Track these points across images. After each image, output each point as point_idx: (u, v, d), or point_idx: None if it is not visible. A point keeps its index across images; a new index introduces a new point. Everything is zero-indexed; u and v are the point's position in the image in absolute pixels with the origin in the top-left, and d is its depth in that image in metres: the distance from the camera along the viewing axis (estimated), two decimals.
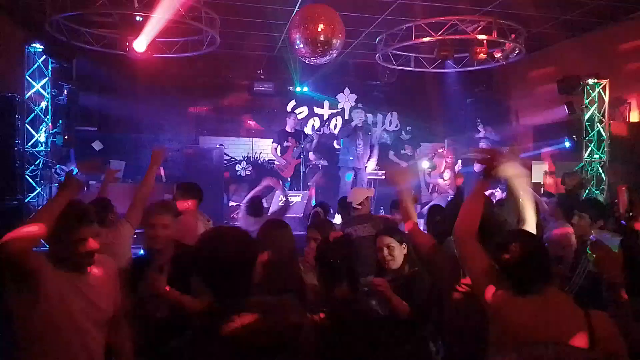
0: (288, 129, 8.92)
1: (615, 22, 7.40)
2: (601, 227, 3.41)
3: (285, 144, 8.72)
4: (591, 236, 3.24)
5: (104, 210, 3.62)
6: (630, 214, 2.92)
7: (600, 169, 7.67)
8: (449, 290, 2.44)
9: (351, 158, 8.47)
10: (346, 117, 10.22)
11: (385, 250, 2.91)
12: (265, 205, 5.39)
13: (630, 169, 6.86)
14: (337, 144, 9.54)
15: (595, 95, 7.69)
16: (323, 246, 2.30)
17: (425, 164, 9.32)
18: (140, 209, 2.98)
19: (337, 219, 5.89)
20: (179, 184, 4.30)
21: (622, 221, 3.16)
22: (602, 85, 7.63)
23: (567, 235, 3.74)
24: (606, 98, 7.63)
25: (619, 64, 7.51)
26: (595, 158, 7.70)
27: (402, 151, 9.51)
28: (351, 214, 4.46)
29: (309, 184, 8.80)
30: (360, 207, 4.31)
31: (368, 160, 8.73)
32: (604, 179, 7.58)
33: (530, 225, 2.35)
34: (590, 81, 7.63)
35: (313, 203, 7.58)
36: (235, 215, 7.65)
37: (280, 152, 8.74)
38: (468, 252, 2.10)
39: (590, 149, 7.72)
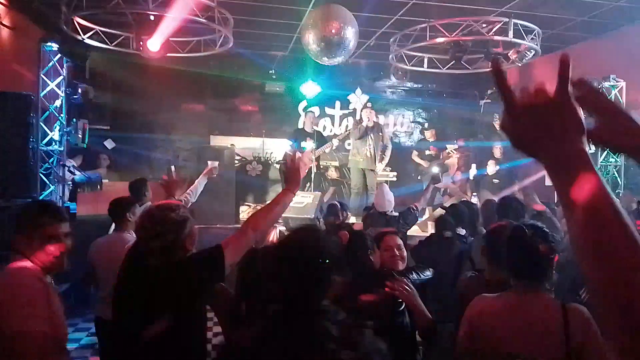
0: (307, 128, 8.60)
1: (633, 23, 7.27)
2: None
3: (303, 143, 8.25)
4: None
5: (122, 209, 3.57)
6: None
7: (615, 173, 7.55)
8: None
9: (361, 160, 8.30)
10: (357, 117, 10.13)
11: (396, 251, 2.78)
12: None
13: None
14: (347, 145, 9.42)
15: (612, 98, 7.56)
16: None
17: (435, 168, 9.19)
18: None
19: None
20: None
21: None
22: (618, 88, 7.50)
23: None
24: (623, 100, 7.50)
25: (637, 65, 7.38)
26: (610, 162, 7.58)
27: (427, 152, 9.41)
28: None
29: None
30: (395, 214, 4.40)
31: (380, 161, 8.58)
32: (620, 183, 7.45)
33: None
34: (607, 83, 7.51)
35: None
36: None
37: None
38: None
39: (606, 152, 7.60)
